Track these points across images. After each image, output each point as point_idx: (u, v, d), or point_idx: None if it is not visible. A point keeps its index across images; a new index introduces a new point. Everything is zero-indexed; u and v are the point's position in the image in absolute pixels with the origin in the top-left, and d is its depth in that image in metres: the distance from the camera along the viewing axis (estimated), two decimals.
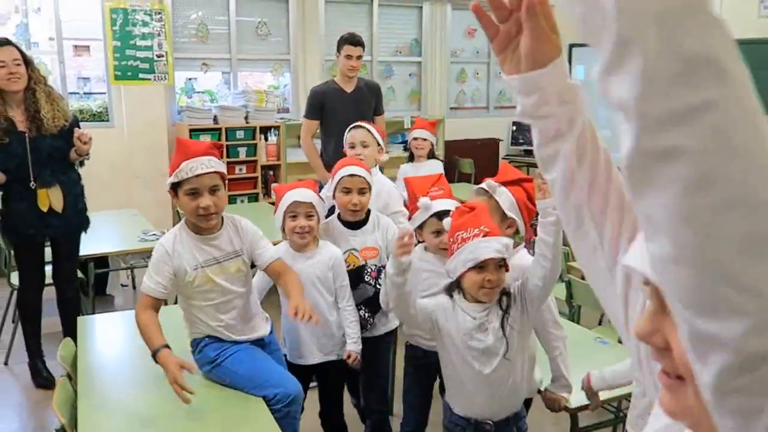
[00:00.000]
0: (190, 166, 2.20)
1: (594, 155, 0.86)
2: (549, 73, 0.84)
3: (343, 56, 4.58)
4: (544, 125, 0.88)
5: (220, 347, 2.34)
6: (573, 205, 0.86)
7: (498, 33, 0.88)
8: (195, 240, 2.30)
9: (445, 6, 7.68)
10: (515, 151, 8.34)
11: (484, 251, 1.95)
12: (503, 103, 8.50)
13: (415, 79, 7.84)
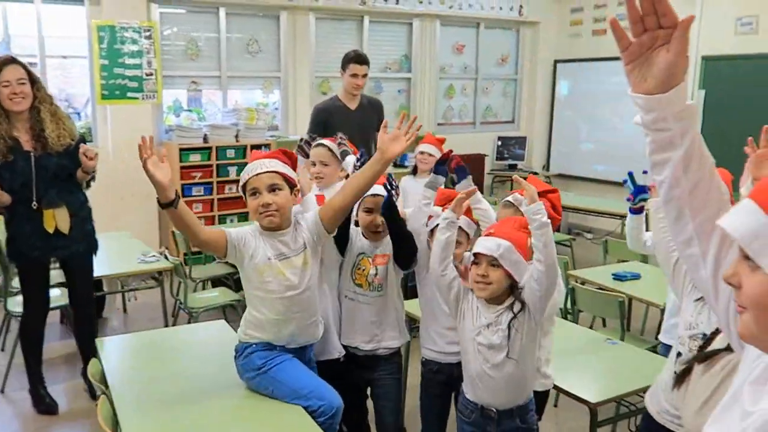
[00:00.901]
0: (252, 167, 2.33)
1: (700, 165, 0.98)
2: (670, 98, 0.96)
3: (348, 74, 4.59)
4: (659, 136, 0.99)
5: (267, 356, 2.35)
6: (675, 203, 1.00)
7: (630, 45, 1.00)
8: (266, 236, 2.36)
9: (435, 22, 7.71)
10: (500, 165, 8.39)
11: (477, 247, 2.16)
12: (489, 119, 8.55)
13: (404, 94, 7.84)
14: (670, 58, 0.95)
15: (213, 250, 2.35)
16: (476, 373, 2.21)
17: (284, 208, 2.32)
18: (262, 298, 2.35)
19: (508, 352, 2.15)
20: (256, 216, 2.32)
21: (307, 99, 6.96)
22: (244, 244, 2.31)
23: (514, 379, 2.19)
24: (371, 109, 4.78)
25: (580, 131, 8.22)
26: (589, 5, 7.94)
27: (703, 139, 1.00)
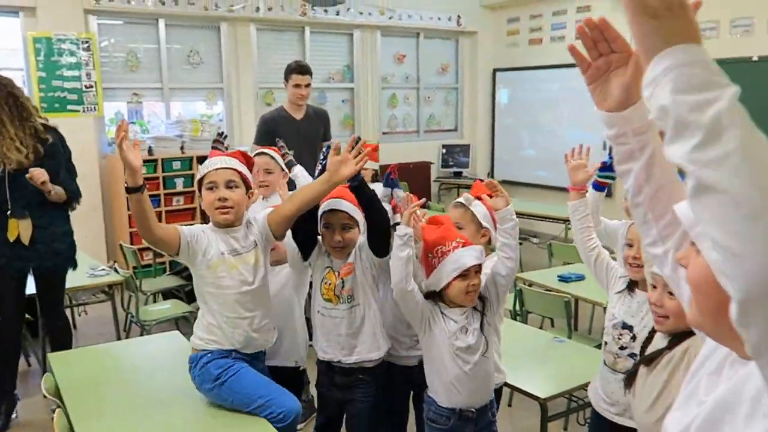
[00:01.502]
0: (211, 162, 2.37)
1: (661, 175, 1.04)
2: (628, 115, 1.03)
3: (291, 85, 4.61)
4: (621, 149, 1.06)
5: (223, 365, 2.33)
6: (640, 208, 1.07)
7: (590, 68, 1.07)
8: (219, 232, 2.39)
9: (375, 33, 7.80)
10: (446, 173, 8.53)
11: (467, 259, 2.16)
12: (432, 127, 8.69)
13: (348, 104, 7.89)
14: (625, 81, 1.03)
15: (166, 247, 2.34)
16: (455, 378, 2.22)
17: (239, 205, 2.37)
18: (217, 295, 2.35)
19: (485, 350, 2.21)
20: (211, 211, 2.36)
21: (251, 110, 6.93)
22: (197, 241, 2.33)
23: (488, 375, 2.27)
24: (317, 120, 4.81)
25: (522, 138, 8.44)
26: (525, 16, 8.19)
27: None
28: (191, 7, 6.39)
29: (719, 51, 6.08)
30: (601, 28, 1.02)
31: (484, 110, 8.80)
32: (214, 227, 2.39)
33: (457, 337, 2.21)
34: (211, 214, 2.38)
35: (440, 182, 8.49)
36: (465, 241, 2.21)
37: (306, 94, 4.65)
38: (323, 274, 2.51)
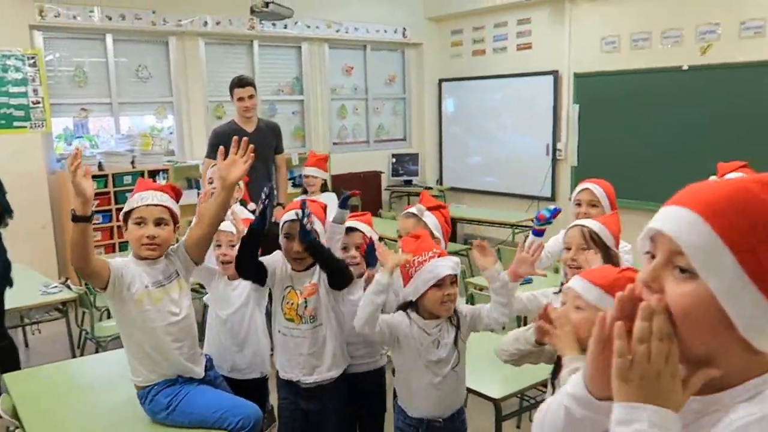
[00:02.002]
0: (142, 196, 2.32)
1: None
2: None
3: (235, 99, 4.71)
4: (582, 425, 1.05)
5: (171, 392, 2.34)
6: None
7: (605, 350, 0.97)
8: (141, 264, 2.35)
9: (323, 45, 7.90)
10: (396, 182, 8.68)
11: (442, 269, 2.18)
12: (382, 137, 8.84)
13: (298, 116, 7.97)
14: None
15: (97, 281, 2.26)
16: (423, 389, 2.27)
17: (167, 242, 2.37)
18: (144, 329, 2.32)
19: (456, 364, 2.26)
20: (137, 245, 2.32)
21: (202, 123, 6.93)
22: (122, 275, 2.27)
23: (457, 387, 2.33)
24: (269, 132, 4.88)
25: (468, 146, 8.67)
26: (468, 28, 8.44)
27: None
28: (139, 22, 6.36)
29: (651, 61, 6.44)
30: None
31: (431, 119, 9.00)
32: (135, 260, 2.35)
33: (429, 350, 2.24)
34: (135, 248, 2.34)
35: (391, 191, 8.64)
36: (441, 252, 2.25)
37: (251, 105, 4.73)
38: (284, 293, 2.51)
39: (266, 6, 5.41)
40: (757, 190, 0.82)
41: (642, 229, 0.90)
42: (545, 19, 7.49)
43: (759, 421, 0.79)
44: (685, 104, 6.20)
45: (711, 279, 0.80)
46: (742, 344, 0.82)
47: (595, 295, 1.64)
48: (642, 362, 0.83)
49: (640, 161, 6.52)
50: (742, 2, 5.75)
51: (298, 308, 2.48)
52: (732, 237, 0.79)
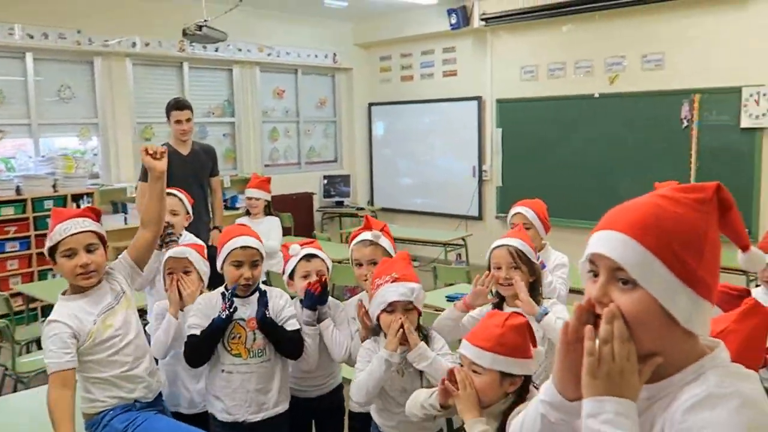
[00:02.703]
0: (64, 227, 2.21)
1: None
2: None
3: (172, 122, 4.71)
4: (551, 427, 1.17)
5: (128, 418, 2.26)
6: None
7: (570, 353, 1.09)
8: (81, 299, 2.27)
9: (254, 69, 7.99)
10: (328, 203, 8.79)
11: (391, 295, 2.16)
12: (313, 159, 8.95)
13: (230, 138, 8.00)
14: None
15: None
16: (392, 417, 2.26)
17: (101, 267, 2.30)
18: (102, 357, 2.26)
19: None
20: (71, 277, 2.24)
21: (129, 146, 6.88)
22: (74, 342, 2.18)
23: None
24: (205, 155, 4.90)
25: (399, 167, 8.88)
26: (396, 54, 8.69)
27: None
28: (62, 41, 6.29)
29: (566, 89, 6.81)
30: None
31: (361, 142, 9.17)
32: (71, 298, 2.26)
33: (393, 379, 2.21)
34: (71, 280, 2.27)
35: (323, 212, 8.74)
36: (399, 277, 2.19)
37: (188, 129, 4.75)
38: (230, 328, 2.39)
39: (199, 29, 5.44)
40: (667, 205, 0.98)
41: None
42: (469, 48, 7.81)
43: (705, 399, 0.93)
44: (597, 128, 6.59)
45: (650, 286, 0.95)
46: (684, 335, 0.98)
47: (488, 360, 1.73)
48: (608, 360, 0.97)
49: (557, 180, 6.84)
50: (643, 38, 6.18)
51: (246, 341, 2.39)
52: (658, 249, 0.94)
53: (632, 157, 6.24)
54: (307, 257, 2.58)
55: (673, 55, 6.02)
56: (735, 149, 5.65)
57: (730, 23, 5.60)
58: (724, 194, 0.99)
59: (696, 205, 0.97)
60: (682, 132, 5.92)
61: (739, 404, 0.90)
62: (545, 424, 1.11)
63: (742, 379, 0.96)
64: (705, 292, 0.96)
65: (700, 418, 0.91)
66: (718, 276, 1.00)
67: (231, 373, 2.38)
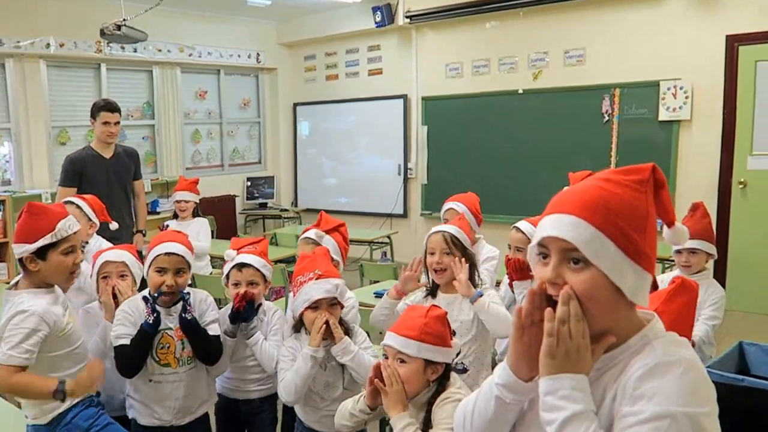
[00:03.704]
0: (68, 224, 2.22)
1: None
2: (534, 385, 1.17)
3: (100, 123, 4.51)
4: (505, 406, 1.22)
5: (93, 414, 2.24)
6: None
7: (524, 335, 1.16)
8: (48, 294, 2.24)
9: (175, 70, 7.76)
10: (251, 205, 8.66)
11: (315, 292, 2.20)
12: (237, 161, 8.79)
13: (150, 141, 7.73)
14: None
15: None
16: (316, 412, 2.29)
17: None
18: (68, 353, 2.24)
19: (347, 386, 2.27)
20: (65, 275, 2.26)
21: (44, 150, 6.55)
22: (43, 337, 2.15)
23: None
24: (127, 158, 4.75)
25: (324, 167, 8.86)
26: (321, 54, 8.68)
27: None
28: None
29: (491, 85, 7.03)
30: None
31: (286, 142, 9.10)
32: (40, 290, 2.22)
33: (314, 376, 2.23)
34: (61, 279, 2.27)
35: (246, 214, 8.60)
36: (323, 274, 2.23)
37: (116, 131, 4.59)
38: (157, 339, 2.36)
39: (118, 29, 5.23)
40: (611, 187, 1.07)
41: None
42: (394, 46, 7.91)
43: (654, 367, 1.01)
44: (521, 123, 6.83)
45: (600, 263, 1.02)
46: (627, 307, 1.07)
47: (414, 348, 1.82)
48: (566, 339, 1.04)
49: (483, 176, 7.02)
50: (565, 34, 6.47)
51: (176, 351, 2.37)
52: (607, 228, 1.03)
53: (556, 151, 6.52)
54: (238, 266, 2.54)
55: (593, 51, 6.32)
56: (653, 141, 5.99)
57: (647, 19, 5.94)
58: (659, 174, 1.10)
59: (636, 185, 1.06)
60: (603, 126, 6.24)
61: (683, 369, 0.99)
62: (499, 405, 1.16)
63: (682, 346, 1.06)
64: (648, 266, 1.06)
65: (651, 384, 0.99)
66: (656, 250, 1.09)
67: (160, 383, 2.37)
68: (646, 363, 1.02)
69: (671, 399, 0.97)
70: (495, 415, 1.17)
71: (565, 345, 1.03)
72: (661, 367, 1.00)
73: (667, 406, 0.96)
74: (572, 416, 1.01)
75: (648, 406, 0.97)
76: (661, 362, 1.01)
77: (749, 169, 5.58)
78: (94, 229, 3.37)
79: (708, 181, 5.77)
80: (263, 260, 2.57)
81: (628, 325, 1.08)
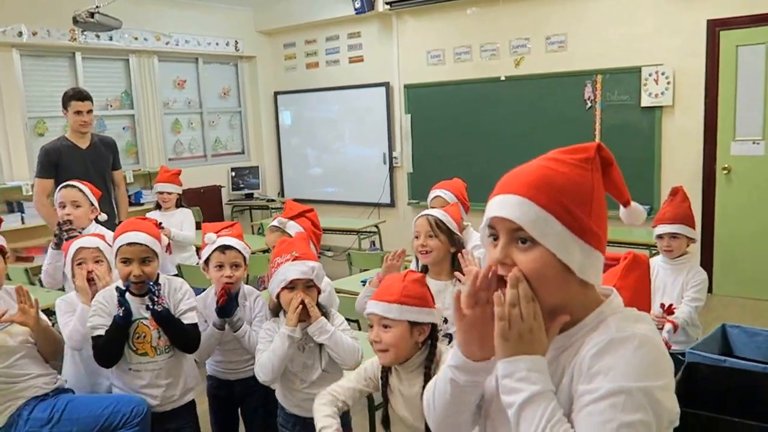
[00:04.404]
0: None
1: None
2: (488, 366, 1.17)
3: (71, 113, 4.45)
4: (461, 392, 1.22)
5: (48, 405, 2.27)
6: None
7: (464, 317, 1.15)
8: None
9: (152, 58, 7.63)
10: (237, 195, 8.59)
11: (291, 273, 2.21)
12: (219, 151, 8.70)
13: (130, 131, 7.61)
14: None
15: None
16: (295, 395, 2.31)
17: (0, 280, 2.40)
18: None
19: (325, 367, 2.28)
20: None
21: (21, 141, 6.43)
22: None
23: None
24: (105, 148, 4.70)
25: (308, 156, 8.79)
26: (300, 41, 8.58)
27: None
28: None
29: (473, 72, 6.98)
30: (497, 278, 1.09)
31: (269, 132, 9.01)
32: None
33: (294, 356, 2.26)
34: None
35: (232, 205, 8.52)
36: (300, 256, 2.25)
37: (89, 120, 4.53)
38: (132, 328, 2.38)
39: (91, 16, 5.13)
40: (555, 166, 1.07)
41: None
42: (374, 34, 7.83)
43: (608, 344, 1.01)
44: (504, 110, 6.80)
45: (546, 241, 1.03)
46: (581, 285, 1.07)
47: (396, 311, 1.86)
48: (517, 322, 1.03)
49: (467, 164, 6.99)
50: (546, 20, 6.43)
51: (152, 340, 2.39)
52: (551, 206, 1.04)
53: (540, 137, 6.50)
54: (221, 248, 2.57)
55: (574, 37, 6.29)
56: (636, 127, 5.98)
57: (628, 4, 5.91)
58: (605, 153, 1.10)
59: (581, 164, 1.07)
60: (586, 112, 6.23)
61: (637, 344, 1.00)
62: (455, 387, 1.17)
63: (638, 321, 1.06)
64: (595, 243, 1.06)
65: (605, 361, 1.00)
66: (606, 229, 1.10)
67: (139, 371, 2.41)
68: (601, 340, 1.02)
69: (626, 375, 0.98)
70: (452, 398, 1.18)
71: (518, 327, 1.03)
72: (615, 344, 1.01)
73: (621, 382, 0.97)
74: (530, 397, 1.02)
75: (603, 383, 0.98)
76: (615, 338, 1.01)
77: (733, 154, 5.60)
78: (95, 214, 3.42)
79: (692, 166, 5.78)
80: (242, 242, 2.62)
81: (583, 302, 1.09)
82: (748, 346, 2.93)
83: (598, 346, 1.02)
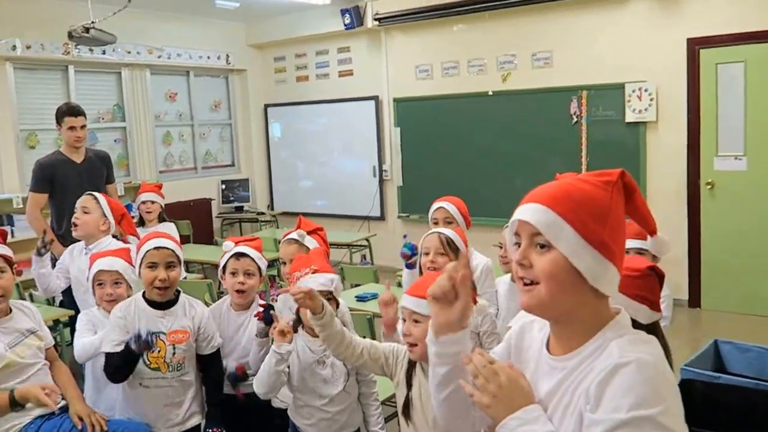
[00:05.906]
0: None
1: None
2: (460, 337, 1.28)
3: (65, 128, 4.49)
4: (441, 370, 1.32)
5: (54, 425, 2.27)
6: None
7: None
8: None
9: (144, 71, 7.70)
10: (227, 208, 8.62)
11: (311, 285, 2.16)
12: (210, 163, 8.75)
13: (121, 144, 7.66)
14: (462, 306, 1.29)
15: None
16: (311, 412, 2.28)
17: (9, 291, 2.38)
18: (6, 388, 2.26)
19: (345, 383, 2.28)
20: None
21: (12, 154, 6.46)
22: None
23: (350, 407, 2.32)
24: (99, 162, 4.72)
25: (298, 170, 8.85)
26: (291, 55, 8.67)
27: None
28: None
29: (461, 87, 7.10)
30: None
31: (259, 145, 9.07)
32: None
33: (313, 370, 2.25)
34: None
35: (222, 218, 8.56)
36: (318, 269, 2.26)
37: (83, 135, 4.57)
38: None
39: (87, 31, 5.19)
40: (577, 183, 1.18)
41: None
42: (364, 48, 7.94)
43: (612, 370, 1.08)
44: (492, 125, 6.91)
45: (560, 245, 1.13)
46: (594, 295, 1.15)
47: (425, 308, 1.83)
48: (485, 387, 1.17)
49: (456, 178, 7.08)
50: (532, 37, 6.57)
51: (166, 355, 2.40)
52: (568, 215, 1.13)
53: (527, 152, 6.61)
54: (236, 255, 2.64)
55: (560, 54, 6.42)
56: (621, 143, 6.11)
57: (612, 22, 6.06)
58: (628, 179, 1.20)
59: (602, 184, 1.17)
60: (572, 127, 6.35)
61: (637, 368, 1.05)
62: (443, 378, 1.28)
63: (642, 344, 1.12)
64: (608, 254, 1.14)
65: (610, 388, 1.06)
66: (623, 247, 1.18)
67: (149, 388, 2.40)
68: (605, 367, 1.08)
69: (630, 404, 1.03)
70: (448, 393, 1.29)
71: (488, 391, 1.16)
72: (618, 369, 1.07)
73: (622, 414, 1.03)
74: None
75: (611, 414, 1.04)
76: (618, 364, 1.07)
77: (716, 169, 5.71)
78: (106, 226, 3.38)
79: (677, 182, 5.90)
80: (259, 253, 2.66)
81: (593, 313, 1.16)
82: (741, 362, 2.96)
83: (603, 373, 1.08)
